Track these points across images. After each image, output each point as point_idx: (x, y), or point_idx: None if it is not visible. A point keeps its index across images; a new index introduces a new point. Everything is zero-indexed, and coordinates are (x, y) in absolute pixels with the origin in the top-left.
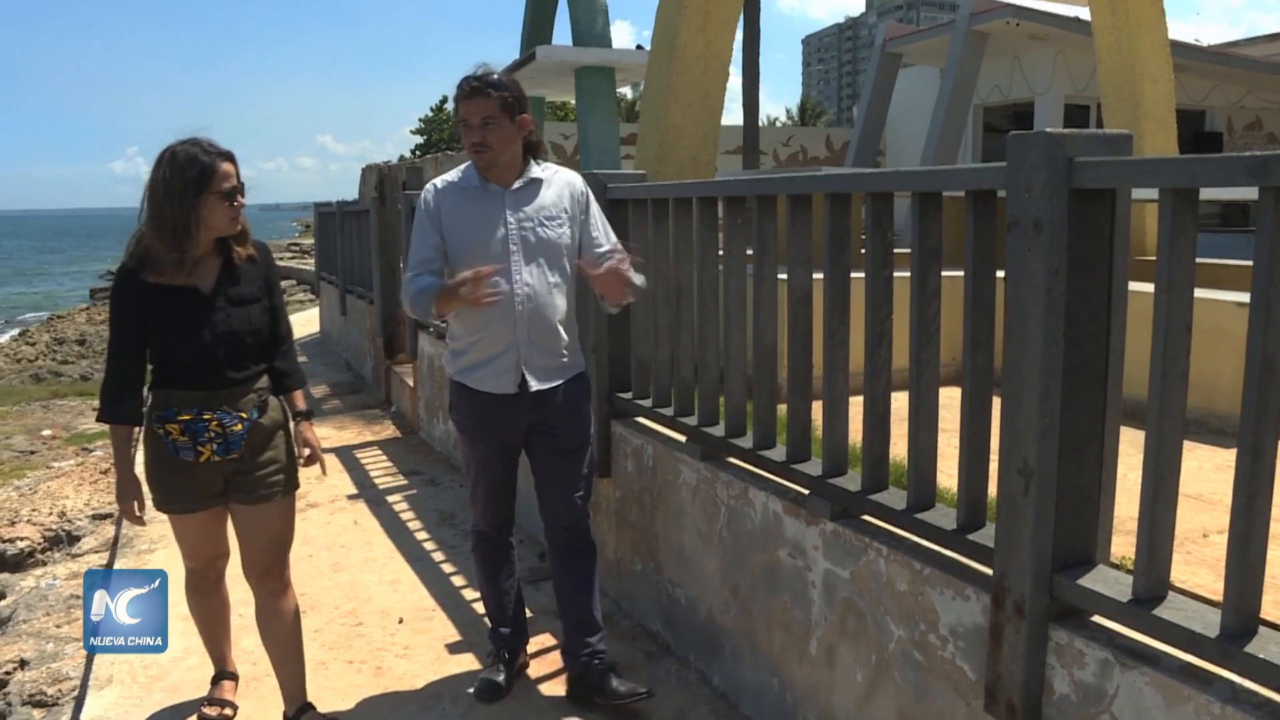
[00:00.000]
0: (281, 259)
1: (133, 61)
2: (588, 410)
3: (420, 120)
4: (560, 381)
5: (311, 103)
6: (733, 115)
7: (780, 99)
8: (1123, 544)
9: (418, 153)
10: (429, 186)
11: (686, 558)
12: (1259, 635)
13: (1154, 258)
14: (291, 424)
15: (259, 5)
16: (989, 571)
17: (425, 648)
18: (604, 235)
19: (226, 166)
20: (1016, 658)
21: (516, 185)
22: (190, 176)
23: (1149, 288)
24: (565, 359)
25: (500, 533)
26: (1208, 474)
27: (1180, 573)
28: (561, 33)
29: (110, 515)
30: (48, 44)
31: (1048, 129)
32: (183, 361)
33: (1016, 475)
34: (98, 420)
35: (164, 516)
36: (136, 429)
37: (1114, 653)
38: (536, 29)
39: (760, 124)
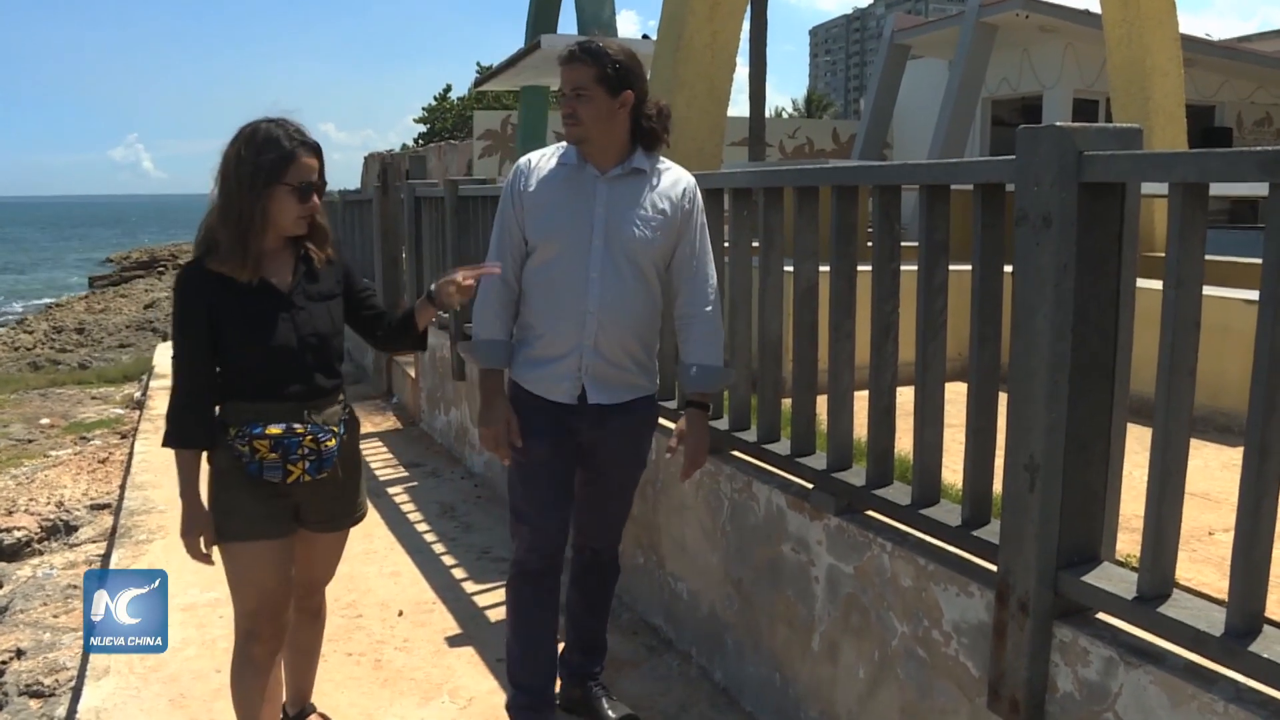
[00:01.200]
0: None
1: (133, 48)
2: (649, 440)
3: (423, 109)
4: (624, 400)
5: (314, 90)
6: (739, 107)
7: (787, 90)
8: (1127, 541)
9: (420, 142)
10: (520, 162)
11: (689, 551)
12: (1263, 634)
13: (1162, 254)
14: (425, 301)
15: None
16: (993, 568)
17: (425, 640)
18: (693, 262)
19: (308, 159)
20: (1020, 655)
21: (615, 172)
22: (265, 161)
23: (1156, 284)
24: (634, 377)
25: (548, 567)
26: (1214, 472)
27: (1185, 571)
28: (567, 22)
29: (108, 505)
30: (48, 29)
31: (1057, 123)
32: (268, 369)
33: (1022, 471)
34: (165, 445)
35: (164, 507)
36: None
37: (1118, 650)
38: (542, 18)
39: (766, 116)
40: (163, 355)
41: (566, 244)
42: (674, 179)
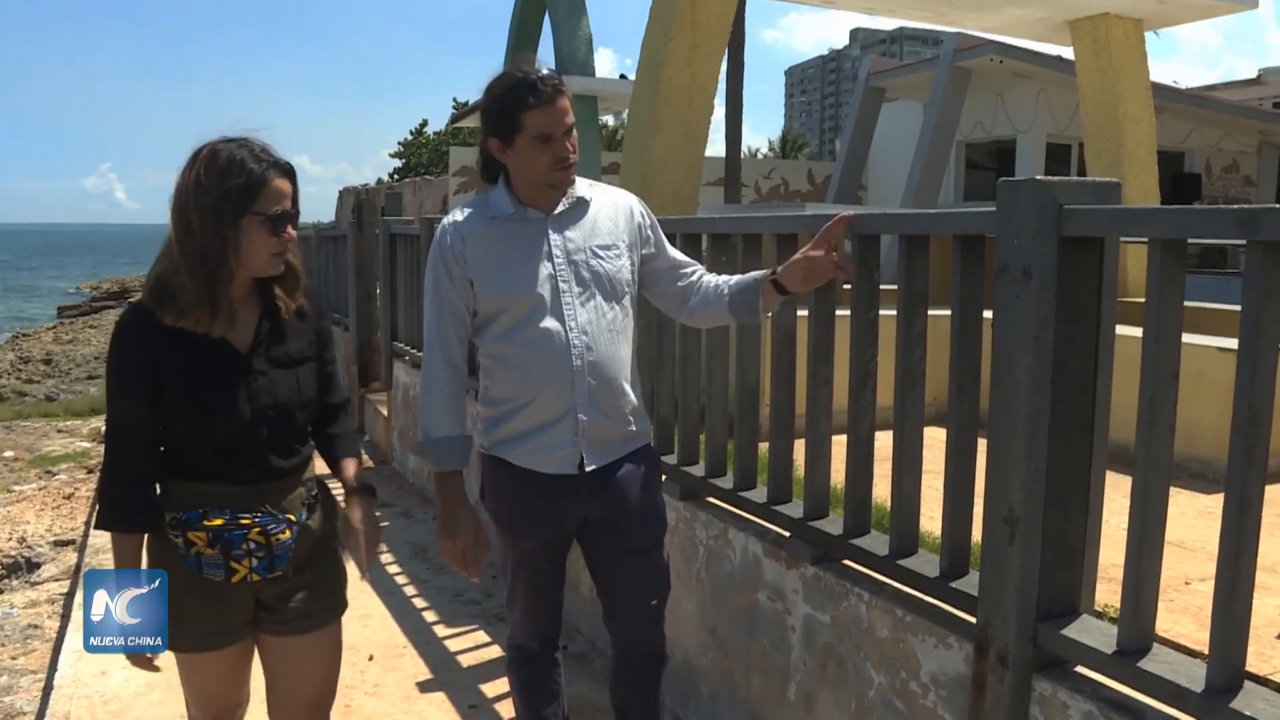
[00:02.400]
0: None
1: (108, 78)
2: (660, 494)
3: (399, 143)
4: (622, 456)
5: (289, 123)
6: (714, 146)
7: (762, 130)
8: (1105, 591)
9: (396, 176)
10: (444, 228)
11: None
12: (1244, 690)
13: (1133, 299)
14: (342, 502)
15: (240, 25)
16: (972, 620)
17: (395, 686)
18: (675, 257)
19: (280, 183)
20: (999, 708)
21: (561, 208)
22: (231, 187)
23: (1130, 330)
24: (631, 427)
25: (545, 648)
26: (1189, 520)
27: (1163, 621)
28: (544, 60)
29: (73, 542)
30: (20, 57)
31: (1038, 176)
32: (213, 445)
33: (1002, 524)
34: (98, 527)
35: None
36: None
37: (1098, 705)
38: (519, 56)
39: (742, 155)
40: None
41: (536, 298)
42: (618, 199)
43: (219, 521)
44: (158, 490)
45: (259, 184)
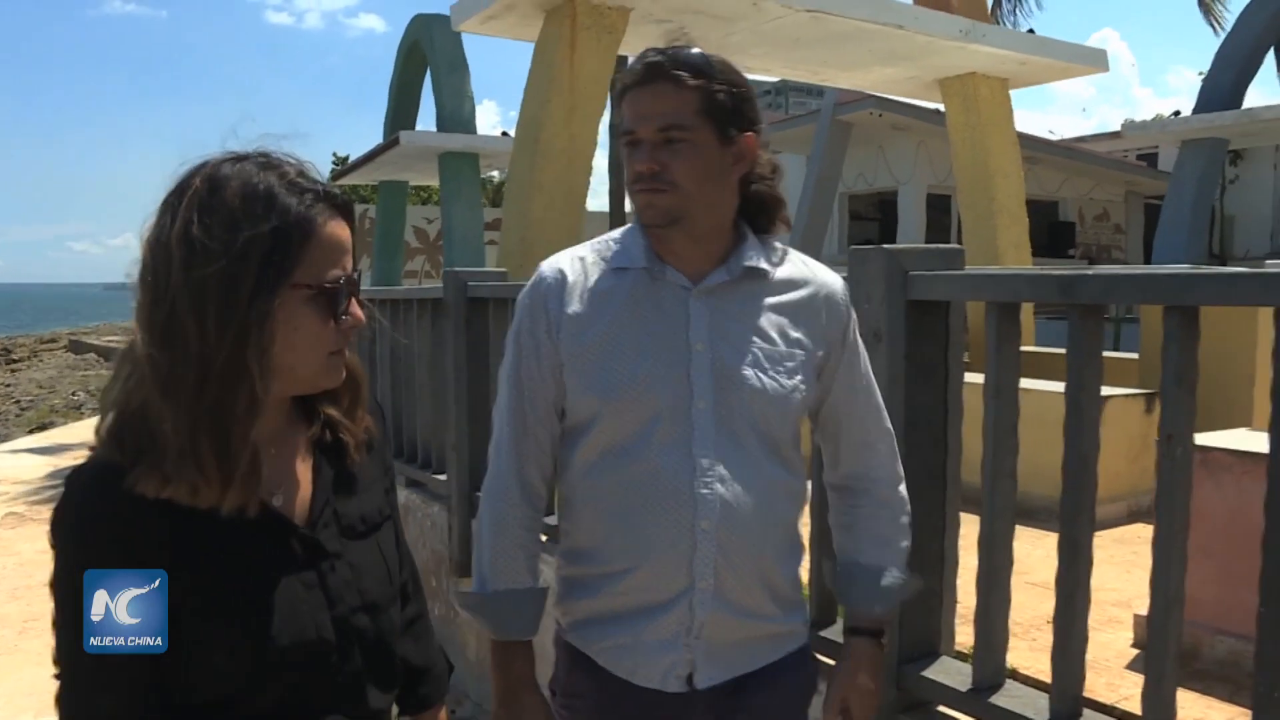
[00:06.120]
0: None
1: None
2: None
3: None
4: (761, 666)
5: (161, 176)
6: (599, 198)
7: None
8: (966, 632)
9: None
10: (538, 277)
11: None
12: (1084, 716)
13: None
14: None
15: (107, 75)
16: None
17: None
18: (855, 405)
19: (336, 229)
20: None
21: (715, 278)
22: (254, 242)
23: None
24: (776, 624)
25: None
26: (1052, 561)
27: (1025, 659)
28: (426, 117)
29: None
30: None
31: (885, 245)
32: (273, 690)
33: None
34: None
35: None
36: None
37: None
38: (401, 113)
39: (626, 210)
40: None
41: (651, 410)
42: (810, 281)
43: None
44: None
45: (303, 232)
